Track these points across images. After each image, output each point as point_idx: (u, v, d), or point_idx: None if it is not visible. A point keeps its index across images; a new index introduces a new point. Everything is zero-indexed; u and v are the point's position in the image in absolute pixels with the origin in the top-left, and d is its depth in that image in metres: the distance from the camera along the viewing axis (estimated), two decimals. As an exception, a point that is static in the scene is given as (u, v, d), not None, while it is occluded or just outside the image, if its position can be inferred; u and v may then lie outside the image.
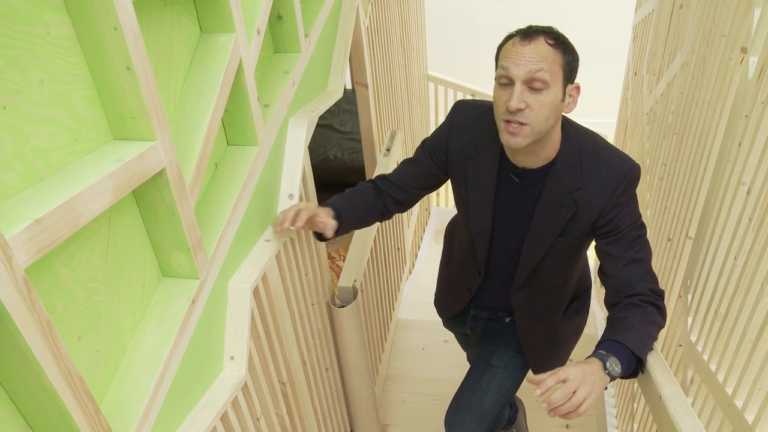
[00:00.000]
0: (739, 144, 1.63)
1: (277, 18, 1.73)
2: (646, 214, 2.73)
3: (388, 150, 2.93)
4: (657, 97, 2.85)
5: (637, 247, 1.55)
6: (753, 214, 1.54)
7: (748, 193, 1.59)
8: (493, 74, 1.49)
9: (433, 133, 1.78)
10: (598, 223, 1.56)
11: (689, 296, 2.01)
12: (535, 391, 1.30)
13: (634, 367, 1.46)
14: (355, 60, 2.63)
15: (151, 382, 1.08)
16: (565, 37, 1.45)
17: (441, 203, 5.14)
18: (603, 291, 2.01)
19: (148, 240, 1.18)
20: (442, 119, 2.50)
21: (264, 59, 1.74)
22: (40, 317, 0.77)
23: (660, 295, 1.54)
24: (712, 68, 1.96)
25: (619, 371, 1.39)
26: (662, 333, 2.30)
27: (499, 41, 1.49)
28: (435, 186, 1.85)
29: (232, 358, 1.41)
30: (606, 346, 1.44)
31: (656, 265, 2.44)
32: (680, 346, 2.08)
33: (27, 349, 0.76)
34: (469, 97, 4.42)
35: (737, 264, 1.62)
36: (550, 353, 1.93)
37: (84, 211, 0.88)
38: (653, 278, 1.57)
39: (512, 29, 1.47)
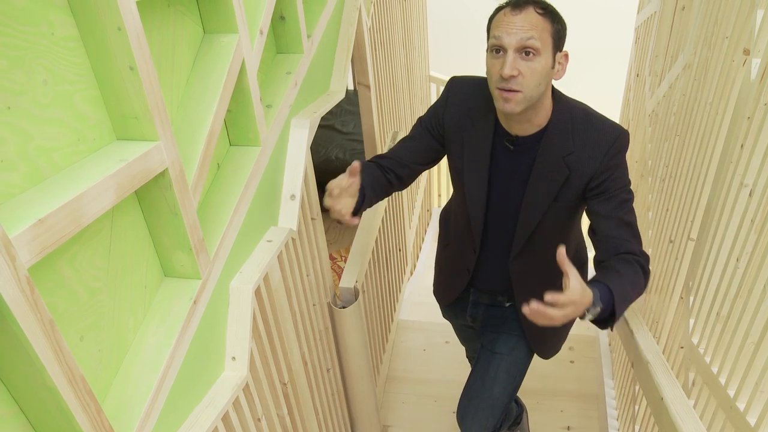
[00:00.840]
0: (742, 146, 1.63)
1: (279, 18, 1.74)
2: (648, 216, 2.73)
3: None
4: (659, 98, 2.85)
5: (626, 209, 1.61)
6: (755, 216, 1.54)
7: (750, 195, 1.59)
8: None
9: (430, 108, 1.82)
10: (590, 185, 1.61)
11: (691, 298, 2.00)
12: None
13: (606, 317, 1.46)
14: (358, 61, 2.63)
15: (152, 382, 1.08)
16: (553, 7, 1.51)
17: (442, 204, 5.14)
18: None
19: (150, 240, 1.19)
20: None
21: (266, 60, 1.74)
22: (43, 317, 0.77)
23: (647, 259, 1.59)
24: (714, 70, 1.96)
25: (590, 318, 1.42)
26: (664, 334, 2.30)
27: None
28: (434, 160, 1.87)
29: (233, 358, 1.41)
30: (602, 291, 1.43)
31: (658, 266, 2.44)
32: (682, 348, 2.07)
33: (30, 349, 0.76)
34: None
35: (739, 266, 1.62)
36: (550, 330, 1.93)
37: (87, 210, 0.88)
38: (641, 241, 1.62)
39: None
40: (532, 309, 1.30)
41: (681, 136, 2.31)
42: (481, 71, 1.67)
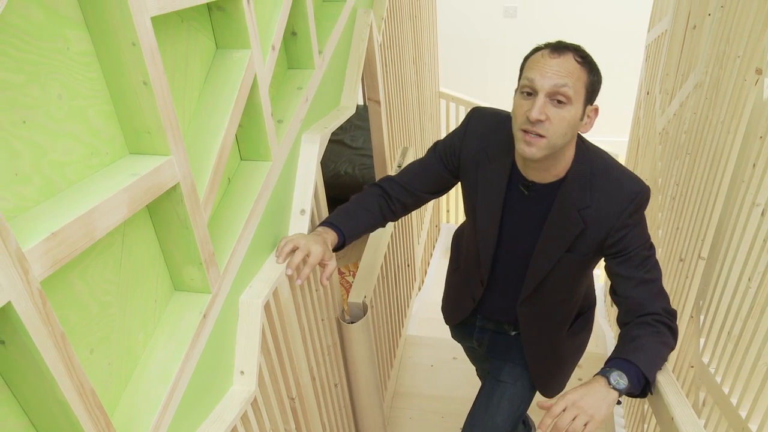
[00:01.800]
0: (754, 165, 1.63)
1: (291, 34, 1.75)
2: (658, 234, 2.72)
3: (399, 166, 2.93)
4: (670, 116, 2.85)
5: (647, 267, 1.55)
6: (767, 236, 1.54)
7: (762, 214, 1.59)
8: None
9: (447, 136, 1.77)
10: (607, 243, 1.56)
11: (701, 317, 1.99)
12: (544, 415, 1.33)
13: (643, 387, 1.45)
14: (368, 76, 2.64)
15: (161, 395, 1.08)
16: (591, 57, 1.45)
17: (451, 220, 5.14)
18: (613, 311, 2.01)
19: (161, 254, 1.19)
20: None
21: (278, 75, 1.75)
22: (55, 330, 0.78)
23: (672, 315, 1.54)
24: (726, 89, 1.96)
25: (626, 384, 1.40)
26: (674, 354, 2.29)
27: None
28: (444, 190, 1.84)
29: (242, 372, 1.41)
30: (613, 363, 1.44)
31: (668, 285, 2.43)
32: (692, 367, 2.06)
33: (41, 362, 0.76)
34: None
35: (751, 285, 1.61)
36: (554, 368, 1.93)
37: (99, 224, 0.89)
38: (665, 298, 1.56)
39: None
40: None
41: (692, 155, 2.31)
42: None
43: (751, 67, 1.73)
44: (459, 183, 1.80)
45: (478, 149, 1.67)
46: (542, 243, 1.64)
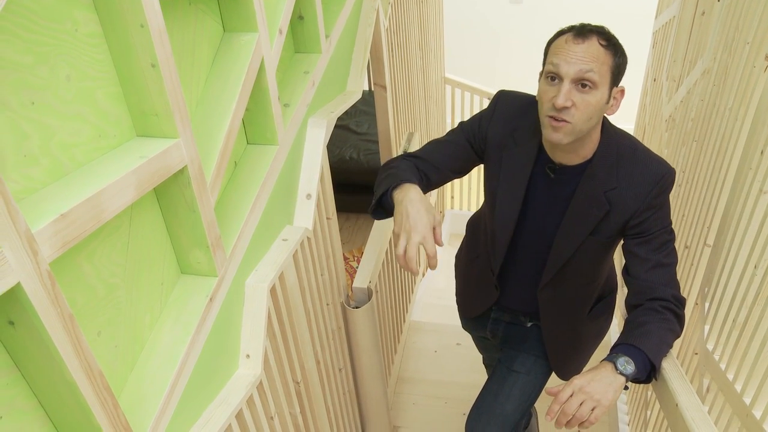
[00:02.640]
0: (762, 152, 1.62)
1: (298, 18, 1.74)
2: (664, 221, 2.72)
3: (405, 151, 2.93)
4: (676, 103, 2.84)
5: (665, 251, 1.55)
6: (774, 223, 1.53)
7: (769, 201, 1.58)
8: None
9: (474, 117, 1.75)
10: (630, 224, 1.55)
11: (706, 304, 1.99)
12: (550, 400, 1.34)
13: (648, 373, 1.46)
14: (374, 61, 2.63)
15: (168, 378, 1.08)
16: (616, 39, 1.44)
17: (455, 206, 5.14)
18: (619, 296, 2.00)
19: (167, 237, 1.19)
20: (458, 122, 2.48)
21: (285, 59, 1.74)
22: (63, 311, 0.78)
23: (681, 303, 1.54)
24: (734, 75, 1.95)
25: (633, 369, 1.40)
26: (678, 340, 2.29)
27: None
28: (468, 169, 1.80)
29: (248, 356, 1.41)
30: (620, 349, 1.45)
31: (673, 272, 2.43)
32: (696, 354, 2.06)
33: (50, 343, 0.76)
34: (485, 100, 4.43)
35: (757, 273, 1.61)
36: (573, 354, 1.92)
37: (108, 206, 0.89)
38: (677, 285, 1.56)
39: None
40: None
41: (699, 142, 2.30)
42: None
43: (761, 54, 1.71)
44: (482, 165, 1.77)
45: (505, 133, 1.66)
46: (565, 226, 1.63)
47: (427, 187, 1.72)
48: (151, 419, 1.03)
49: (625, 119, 5.50)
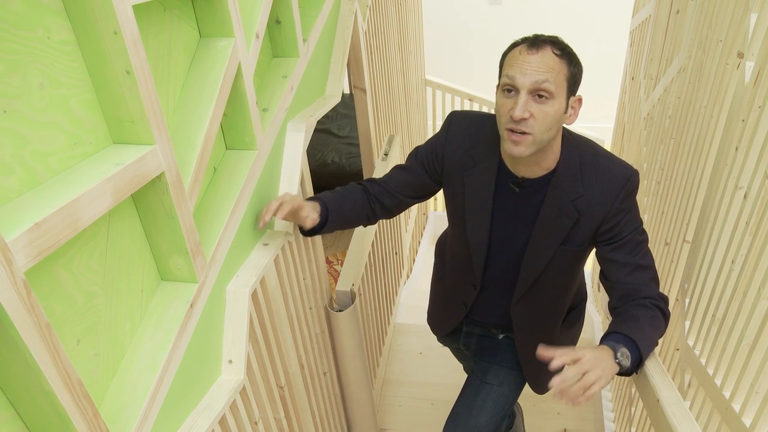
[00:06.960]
0: (736, 148, 1.64)
1: (275, 23, 1.74)
2: (644, 219, 2.74)
3: (386, 154, 2.93)
4: (654, 101, 2.86)
5: (641, 253, 1.56)
6: (750, 218, 1.55)
7: (745, 197, 1.60)
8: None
9: (428, 142, 1.76)
10: (601, 230, 1.57)
11: (686, 300, 2.01)
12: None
13: (635, 367, 1.47)
14: (354, 64, 2.64)
15: (149, 385, 1.08)
16: (570, 48, 1.45)
17: (439, 208, 5.15)
18: (600, 296, 2.02)
19: (146, 244, 1.19)
20: (440, 124, 2.49)
21: (262, 63, 1.74)
22: (40, 320, 0.77)
23: (666, 301, 1.56)
24: (709, 73, 1.97)
25: (628, 365, 1.41)
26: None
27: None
28: (425, 196, 1.83)
29: (230, 361, 1.41)
30: (620, 339, 1.45)
31: (654, 269, 2.45)
32: (677, 350, 2.08)
33: (26, 353, 0.76)
34: (467, 102, 4.45)
35: (734, 268, 1.62)
36: (546, 365, 1.93)
37: (84, 214, 0.88)
38: (658, 284, 1.58)
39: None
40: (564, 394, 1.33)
41: (676, 139, 2.32)
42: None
43: (733, 51, 1.73)
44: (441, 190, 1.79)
45: (462, 153, 1.66)
46: (536, 238, 1.63)
47: (383, 212, 1.82)
48: (132, 427, 1.02)
49: (606, 118, 5.55)
